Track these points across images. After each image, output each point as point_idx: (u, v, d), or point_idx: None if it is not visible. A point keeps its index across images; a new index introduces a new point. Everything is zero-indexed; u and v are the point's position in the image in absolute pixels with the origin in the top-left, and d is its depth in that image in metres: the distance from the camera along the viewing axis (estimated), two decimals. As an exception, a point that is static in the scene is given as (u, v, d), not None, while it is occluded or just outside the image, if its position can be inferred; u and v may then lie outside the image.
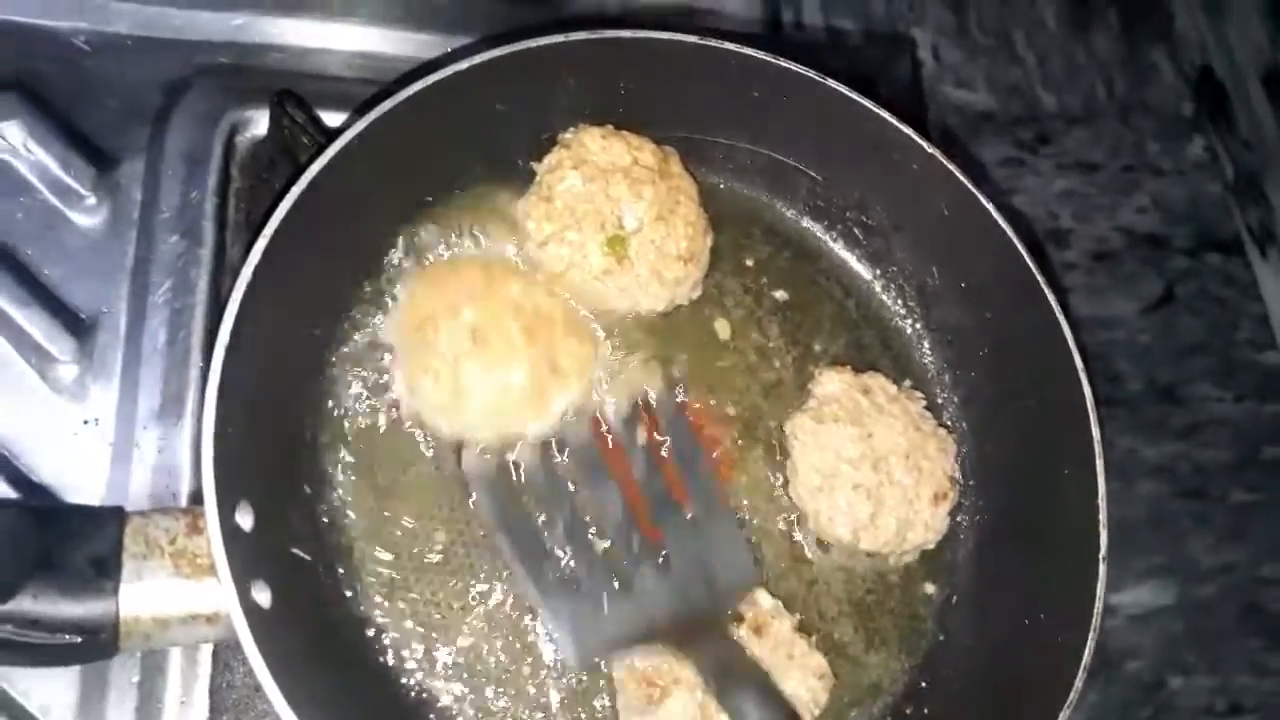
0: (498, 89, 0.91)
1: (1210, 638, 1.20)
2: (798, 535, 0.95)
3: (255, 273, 0.78)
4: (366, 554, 0.86)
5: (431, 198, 0.95)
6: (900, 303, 1.06)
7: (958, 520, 0.98)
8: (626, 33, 0.92)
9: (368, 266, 0.92)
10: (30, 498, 0.90)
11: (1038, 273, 0.93)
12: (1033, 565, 0.93)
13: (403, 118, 0.86)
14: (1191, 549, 1.24)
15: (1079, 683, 0.83)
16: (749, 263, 1.04)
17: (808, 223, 1.07)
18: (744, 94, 0.97)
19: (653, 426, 0.94)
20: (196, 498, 0.83)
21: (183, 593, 0.73)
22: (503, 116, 0.94)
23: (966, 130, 1.38)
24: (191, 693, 0.89)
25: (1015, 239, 0.94)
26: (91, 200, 1.01)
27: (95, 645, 0.72)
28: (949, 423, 1.01)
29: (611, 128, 0.97)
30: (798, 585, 0.94)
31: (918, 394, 0.99)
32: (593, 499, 0.90)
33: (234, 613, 0.70)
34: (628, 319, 0.96)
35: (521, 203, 0.96)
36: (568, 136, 0.97)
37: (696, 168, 1.00)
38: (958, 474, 0.96)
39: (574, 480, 0.90)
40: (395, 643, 0.85)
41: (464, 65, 0.87)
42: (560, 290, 0.94)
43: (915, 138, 0.96)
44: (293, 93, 0.99)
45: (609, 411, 0.93)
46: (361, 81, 1.10)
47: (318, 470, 0.87)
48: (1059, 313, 0.92)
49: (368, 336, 0.92)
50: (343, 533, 0.86)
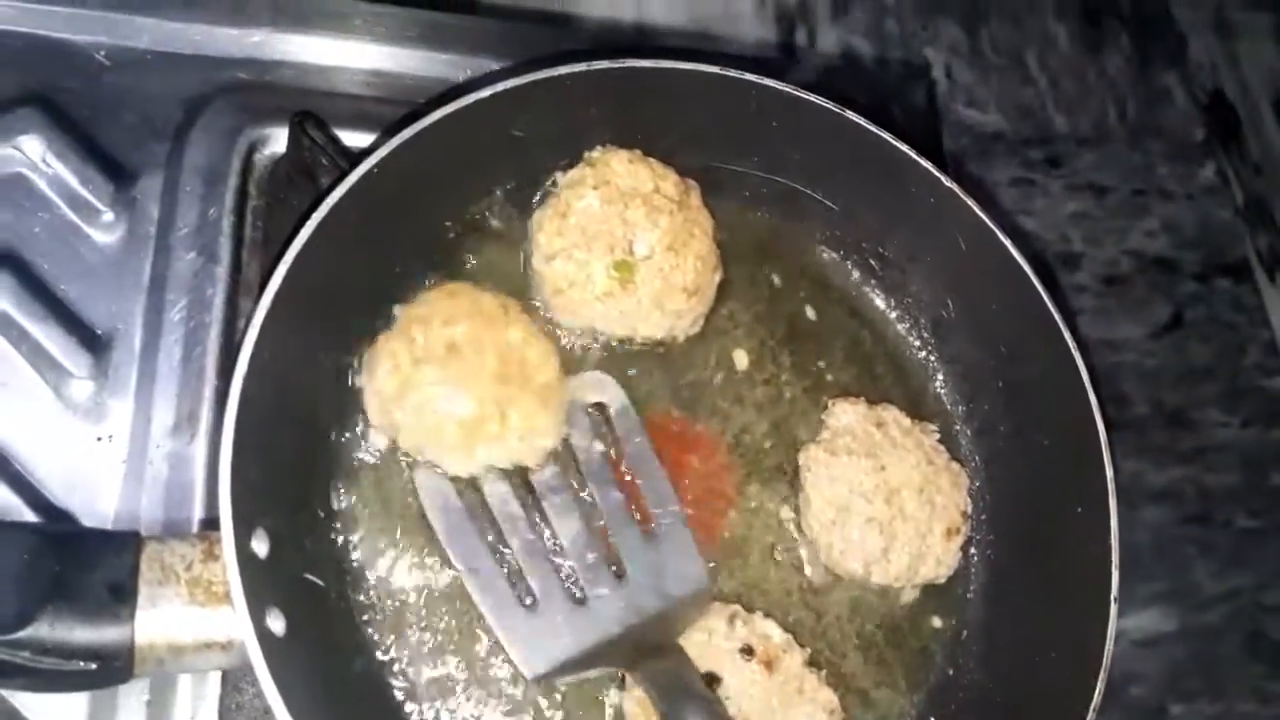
0: (519, 116, 0.91)
1: (1213, 664, 1.20)
2: (808, 568, 0.95)
3: (276, 297, 0.78)
4: (379, 580, 0.86)
5: (450, 221, 0.95)
6: (915, 334, 1.06)
7: (969, 554, 0.98)
8: (648, 62, 0.92)
9: (386, 289, 0.92)
10: (43, 514, 0.90)
11: (1055, 310, 0.92)
12: (1043, 602, 0.93)
13: (424, 143, 0.85)
14: (1195, 575, 1.24)
15: (1089, 720, 0.83)
16: (764, 291, 1.03)
17: (824, 252, 1.07)
18: (763, 123, 0.97)
19: (611, 441, 0.93)
20: (211, 521, 0.84)
21: (198, 620, 0.73)
22: (522, 143, 0.93)
23: (977, 150, 1.39)
24: (200, 713, 0.89)
25: (1033, 276, 0.93)
26: (109, 216, 1.01)
27: (109, 672, 0.72)
28: (962, 456, 1.01)
29: (639, 153, 0.96)
30: (807, 617, 0.94)
31: (931, 427, 0.98)
32: (550, 515, 0.89)
33: (249, 641, 0.70)
34: (647, 344, 0.96)
35: (538, 214, 0.96)
36: (594, 155, 0.96)
37: (712, 195, 1.00)
38: (969, 508, 0.96)
39: (530, 499, 0.89)
40: (406, 670, 0.85)
41: (486, 93, 0.87)
42: (560, 314, 0.94)
43: (933, 170, 0.96)
44: (312, 114, 0.99)
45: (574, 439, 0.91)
46: (378, 100, 1.11)
47: (331, 496, 0.87)
48: (1075, 351, 0.91)
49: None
50: (356, 559, 0.86)
